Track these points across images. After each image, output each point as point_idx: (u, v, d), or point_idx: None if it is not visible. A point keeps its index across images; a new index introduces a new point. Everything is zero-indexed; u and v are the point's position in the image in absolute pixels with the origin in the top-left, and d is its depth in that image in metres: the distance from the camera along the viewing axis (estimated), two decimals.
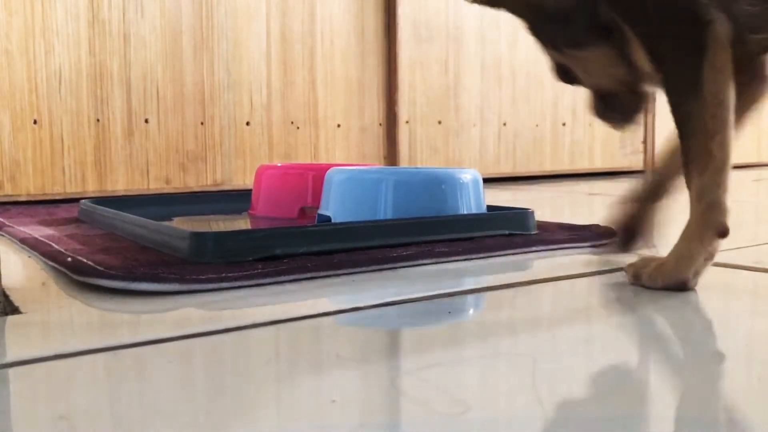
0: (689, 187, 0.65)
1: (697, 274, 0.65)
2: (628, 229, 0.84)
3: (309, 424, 0.38)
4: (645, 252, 0.81)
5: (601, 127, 2.44)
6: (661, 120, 2.63)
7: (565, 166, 2.37)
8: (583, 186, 2.03)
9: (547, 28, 0.75)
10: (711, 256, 0.65)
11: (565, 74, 0.79)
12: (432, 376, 0.44)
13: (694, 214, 0.64)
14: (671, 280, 0.65)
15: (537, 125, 2.28)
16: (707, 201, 0.63)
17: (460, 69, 2.09)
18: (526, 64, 2.23)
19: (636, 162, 2.58)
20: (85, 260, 0.72)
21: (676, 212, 0.76)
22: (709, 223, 0.63)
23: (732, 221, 0.63)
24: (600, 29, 0.70)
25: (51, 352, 0.48)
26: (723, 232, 0.63)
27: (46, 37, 1.49)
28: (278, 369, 0.47)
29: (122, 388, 0.43)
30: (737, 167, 0.65)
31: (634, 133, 2.56)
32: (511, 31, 2.19)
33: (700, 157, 0.63)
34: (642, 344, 0.53)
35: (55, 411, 0.39)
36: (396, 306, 0.62)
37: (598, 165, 2.46)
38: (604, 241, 0.93)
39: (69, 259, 0.73)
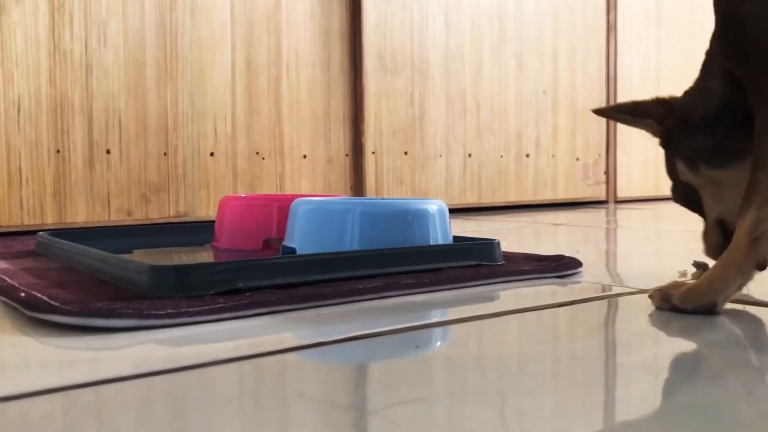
0: (744, 215, 0.66)
1: (726, 299, 0.68)
2: None
3: None
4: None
5: (563, 159, 2.49)
6: (623, 152, 2.67)
7: (529, 197, 2.39)
8: (547, 216, 2.05)
9: (692, 144, 0.75)
10: (742, 285, 0.67)
11: (684, 197, 0.78)
12: (398, 414, 0.43)
13: (740, 243, 0.66)
14: (703, 301, 0.67)
15: (501, 156, 2.31)
16: (759, 233, 0.65)
17: (425, 100, 2.11)
18: (490, 96, 2.26)
19: (599, 192, 2.62)
20: (39, 295, 0.70)
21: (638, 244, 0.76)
22: (752, 254, 0.66)
23: None
24: (746, 140, 0.68)
25: (4, 393, 0.46)
26: (763, 265, 0.66)
27: (5, 66, 1.46)
28: (241, 408, 0.46)
29: (79, 429, 0.41)
30: None
31: (596, 164, 2.60)
32: (475, 63, 2.22)
33: (766, 191, 0.65)
34: (609, 377, 0.53)
35: None
36: (362, 340, 0.61)
37: (561, 196, 2.49)
38: (569, 272, 0.93)
39: (22, 294, 0.71)
